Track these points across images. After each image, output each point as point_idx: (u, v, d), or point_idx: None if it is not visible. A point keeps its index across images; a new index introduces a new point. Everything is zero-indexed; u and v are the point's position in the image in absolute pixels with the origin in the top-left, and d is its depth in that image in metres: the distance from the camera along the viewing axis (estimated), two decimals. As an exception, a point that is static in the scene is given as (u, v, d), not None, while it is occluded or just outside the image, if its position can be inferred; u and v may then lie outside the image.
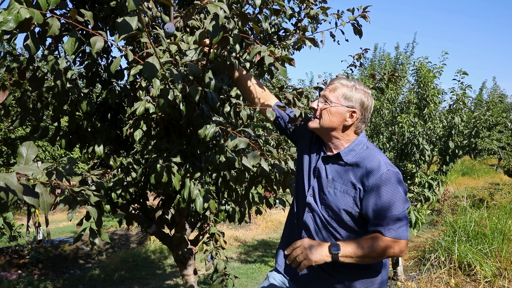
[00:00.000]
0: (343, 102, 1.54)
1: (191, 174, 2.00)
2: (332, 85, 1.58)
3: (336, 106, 1.53)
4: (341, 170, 1.53)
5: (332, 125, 1.55)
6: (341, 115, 1.54)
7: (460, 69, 5.03)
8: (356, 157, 1.52)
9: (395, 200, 1.42)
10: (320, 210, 1.55)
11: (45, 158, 7.81)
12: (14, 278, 6.34)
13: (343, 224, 1.51)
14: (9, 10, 1.20)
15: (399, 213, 1.42)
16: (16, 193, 1.01)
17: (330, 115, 1.54)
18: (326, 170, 1.57)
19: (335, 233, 1.52)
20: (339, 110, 1.53)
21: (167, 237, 2.64)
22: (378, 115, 5.83)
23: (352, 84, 1.56)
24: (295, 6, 2.57)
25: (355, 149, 1.55)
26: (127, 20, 1.21)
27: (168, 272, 7.05)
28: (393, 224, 1.42)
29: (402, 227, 1.43)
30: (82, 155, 2.14)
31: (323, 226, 1.55)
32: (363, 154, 1.52)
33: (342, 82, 1.56)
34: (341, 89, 1.55)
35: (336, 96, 1.54)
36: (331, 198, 1.51)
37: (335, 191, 1.51)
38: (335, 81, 1.58)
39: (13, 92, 5.26)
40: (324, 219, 1.54)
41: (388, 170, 1.44)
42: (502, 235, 4.56)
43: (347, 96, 1.54)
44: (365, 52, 2.91)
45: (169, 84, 1.64)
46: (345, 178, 1.51)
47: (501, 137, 16.45)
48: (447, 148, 4.92)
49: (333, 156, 1.57)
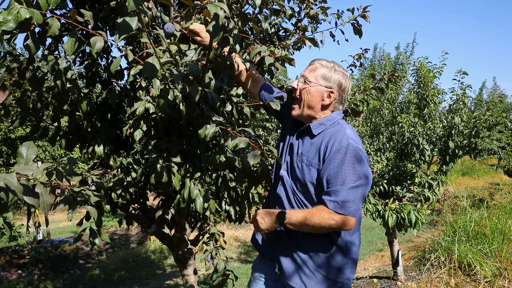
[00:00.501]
0: (322, 82, 1.59)
1: (191, 174, 2.01)
2: (312, 66, 1.63)
3: (315, 86, 1.59)
4: (309, 144, 1.60)
5: (310, 103, 1.60)
6: (320, 95, 1.59)
7: (460, 69, 5.03)
8: (324, 131, 1.59)
9: (347, 173, 1.44)
10: (291, 184, 1.62)
11: (45, 158, 7.81)
12: (14, 278, 6.34)
13: (309, 196, 1.56)
14: (9, 10, 1.20)
15: (348, 187, 1.43)
16: (16, 193, 1.01)
17: (308, 94, 1.59)
18: (298, 145, 1.64)
19: (303, 205, 1.58)
20: (318, 89, 1.59)
21: (167, 237, 2.64)
22: (378, 115, 5.83)
23: (332, 65, 1.61)
24: (295, 6, 2.57)
25: (325, 124, 1.60)
26: (127, 20, 1.21)
27: (168, 272, 7.05)
28: (337, 197, 1.44)
29: (348, 202, 1.44)
30: (82, 155, 2.14)
31: (294, 199, 1.61)
32: (332, 129, 1.57)
33: (322, 63, 1.61)
34: (320, 70, 1.60)
35: (315, 76, 1.60)
36: (299, 172, 1.58)
37: (302, 165, 1.57)
38: (315, 61, 1.63)
39: (13, 92, 5.25)
40: (294, 192, 1.60)
41: (349, 144, 1.47)
42: (502, 235, 4.56)
43: (326, 77, 1.59)
44: (365, 52, 2.91)
45: (169, 84, 1.64)
46: (311, 151, 1.57)
47: (501, 137, 16.45)
48: (447, 148, 4.92)
49: (304, 130, 1.64)
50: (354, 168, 1.45)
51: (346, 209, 1.44)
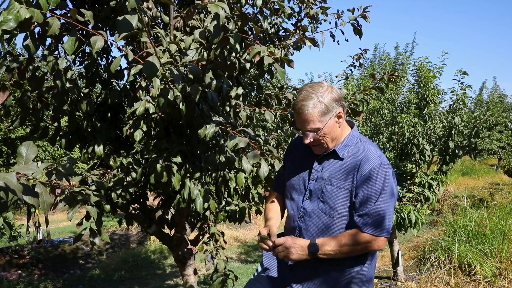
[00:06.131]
0: (327, 118, 1.51)
1: (191, 174, 2.00)
2: (304, 117, 1.51)
3: (326, 127, 1.52)
4: (337, 166, 1.56)
5: (333, 136, 1.56)
6: (333, 125, 1.54)
7: (460, 69, 5.03)
8: (351, 151, 1.56)
9: (382, 193, 1.44)
10: (317, 209, 1.57)
11: (45, 158, 7.81)
12: (14, 278, 6.34)
13: (340, 221, 1.53)
14: (9, 10, 1.21)
15: (382, 208, 1.43)
16: (16, 192, 1.01)
17: (326, 135, 1.54)
18: (323, 169, 1.59)
19: (332, 231, 1.54)
20: (328, 124, 1.52)
21: (167, 237, 2.64)
22: (378, 115, 5.82)
23: (314, 96, 1.50)
24: (295, 6, 2.57)
25: (349, 144, 1.58)
26: (128, 19, 1.21)
27: (168, 272, 7.05)
28: (373, 220, 1.44)
29: (382, 224, 1.44)
30: (82, 155, 2.14)
31: (321, 225, 1.56)
32: (357, 147, 1.55)
33: (308, 107, 1.49)
34: (313, 113, 1.49)
35: (317, 121, 1.51)
36: (329, 195, 1.54)
37: (332, 188, 1.53)
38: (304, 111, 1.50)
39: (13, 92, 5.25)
40: (321, 217, 1.56)
41: (381, 163, 1.47)
42: (502, 235, 4.56)
43: (323, 111, 1.50)
44: (364, 53, 2.91)
45: (169, 84, 1.64)
46: (341, 174, 1.53)
47: (501, 137, 16.43)
48: (447, 148, 4.91)
49: (329, 154, 1.60)
50: (387, 186, 1.45)
51: (381, 231, 1.45)
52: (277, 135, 3.35)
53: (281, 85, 2.83)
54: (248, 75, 2.59)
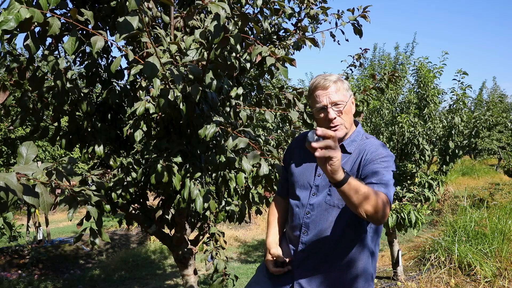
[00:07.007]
0: (348, 95, 1.56)
1: (191, 174, 2.00)
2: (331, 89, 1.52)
3: (347, 104, 1.55)
4: (344, 159, 1.57)
5: (350, 121, 1.58)
6: (351, 108, 1.58)
7: (460, 69, 5.03)
8: (357, 146, 1.58)
9: (388, 170, 1.46)
10: (324, 203, 1.57)
11: (45, 158, 7.81)
12: (14, 278, 6.34)
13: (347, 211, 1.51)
14: (9, 9, 1.21)
15: (390, 179, 1.45)
16: (16, 193, 1.01)
17: (347, 116, 1.56)
18: None
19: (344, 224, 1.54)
20: (349, 104, 1.56)
21: (167, 237, 2.64)
22: (378, 115, 5.82)
23: (337, 76, 1.57)
24: (295, 6, 2.57)
25: (356, 140, 1.60)
26: (128, 20, 1.21)
27: (168, 272, 7.05)
28: (385, 186, 1.43)
29: (389, 194, 1.43)
30: (82, 155, 2.14)
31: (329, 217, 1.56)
32: (363, 143, 1.58)
33: (335, 80, 1.54)
34: (341, 85, 1.55)
35: (343, 93, 1.54)
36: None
37: None
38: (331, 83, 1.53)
39: (13, 92, 5.25)
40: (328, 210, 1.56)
41: (387, 152, 1.50)
42: (502, 235, 4.56)
43: (347, 87, 1.56)
44: (364, 52, 2.91)
45: (169, 84, 1.64)
46: (348, 164, 1.55)
47: (501, 137, 16.43)
48: (447, 148, 4.92)
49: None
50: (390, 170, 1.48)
51: (391, 197, 1.44)
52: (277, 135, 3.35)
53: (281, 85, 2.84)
54: (248, 75, 2.59)
